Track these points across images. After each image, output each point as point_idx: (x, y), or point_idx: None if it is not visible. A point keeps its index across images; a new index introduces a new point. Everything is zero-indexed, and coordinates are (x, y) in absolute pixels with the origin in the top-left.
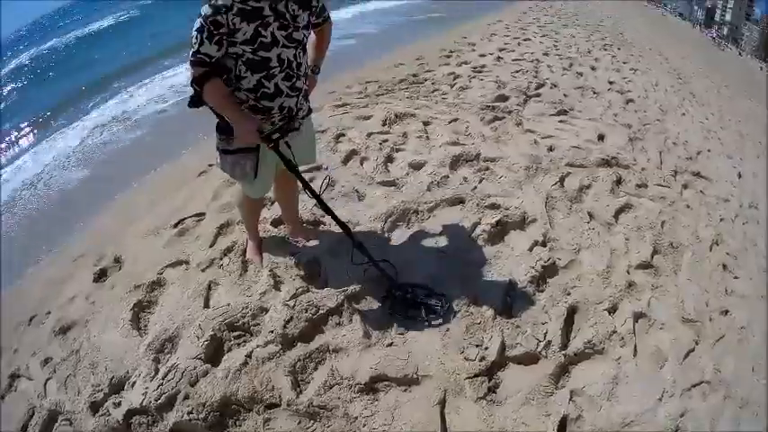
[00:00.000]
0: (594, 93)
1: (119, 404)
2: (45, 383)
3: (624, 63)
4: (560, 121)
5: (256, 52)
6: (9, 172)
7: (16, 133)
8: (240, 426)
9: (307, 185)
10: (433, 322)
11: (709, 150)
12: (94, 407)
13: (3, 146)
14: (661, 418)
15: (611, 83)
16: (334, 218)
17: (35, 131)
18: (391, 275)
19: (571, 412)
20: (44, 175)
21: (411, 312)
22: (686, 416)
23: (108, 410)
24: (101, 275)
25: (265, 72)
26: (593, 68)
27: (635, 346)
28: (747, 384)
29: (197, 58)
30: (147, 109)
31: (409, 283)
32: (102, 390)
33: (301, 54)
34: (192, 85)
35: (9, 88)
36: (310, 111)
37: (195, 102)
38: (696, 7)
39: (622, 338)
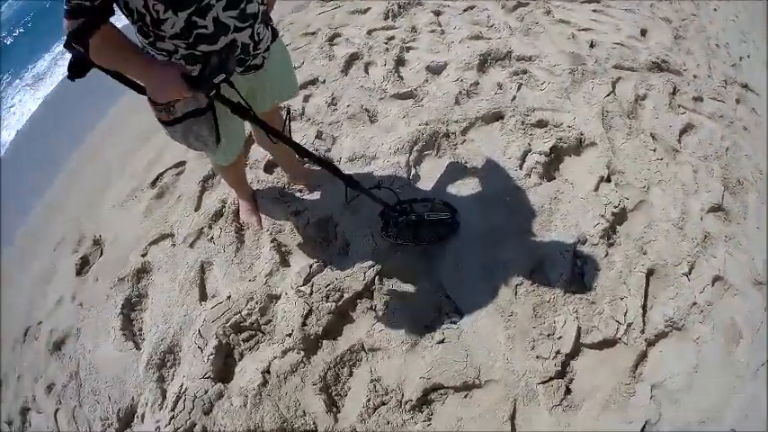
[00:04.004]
0: None
1: None
2: (55, 415)
3: None
4: (594, 11)
5: None
6: None
7: None
8: None
9: (268, 128)
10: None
11: (749, 56)
12: None
13: None
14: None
15: None
16: (313, 158)
17: None
18: (382, 199)
19: (652, 416)
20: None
21: (421, 234)
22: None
23: None
24: (83, 266)
25: (195, 5)
26: None
27: (713, 325)
28: None
29: (71, 5)
30: None
31: (405, 200)
32: (111, 424)
33: None
34: (68, 47)
35: None
36: (275, 35)
37: (78, 69)
38: None
39: (701, 311)
